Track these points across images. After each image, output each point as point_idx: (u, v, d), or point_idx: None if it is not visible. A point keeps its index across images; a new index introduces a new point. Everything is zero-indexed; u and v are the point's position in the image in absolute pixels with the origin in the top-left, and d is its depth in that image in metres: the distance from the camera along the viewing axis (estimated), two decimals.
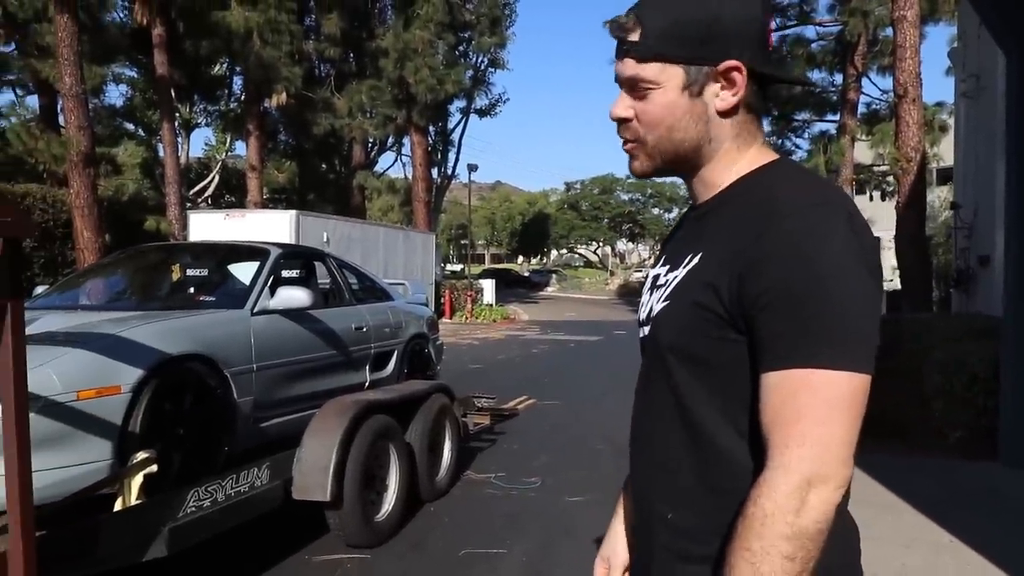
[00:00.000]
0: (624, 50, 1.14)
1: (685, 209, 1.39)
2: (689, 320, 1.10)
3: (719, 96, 1.11)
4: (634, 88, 1.14)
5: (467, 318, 24.80)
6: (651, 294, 1.23)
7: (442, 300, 24.30)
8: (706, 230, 1.15)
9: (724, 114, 1.13)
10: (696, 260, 1.12)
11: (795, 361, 0.98)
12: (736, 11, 1.10)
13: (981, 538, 4.24)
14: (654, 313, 1.17)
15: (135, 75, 24.63)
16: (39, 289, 5.34)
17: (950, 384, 6.38)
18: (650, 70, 1.12)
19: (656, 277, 1.25)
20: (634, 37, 1.12)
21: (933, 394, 6.65)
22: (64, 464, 3.07)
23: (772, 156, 1.16)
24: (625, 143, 1.19)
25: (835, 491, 0.97)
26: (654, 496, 1.18)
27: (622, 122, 1.17)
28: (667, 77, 1.12)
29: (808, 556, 0.96)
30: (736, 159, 1.15)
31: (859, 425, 1.00)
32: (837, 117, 20.90)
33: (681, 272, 1.14)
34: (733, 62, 1.09)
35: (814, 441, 0.96)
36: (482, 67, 28.77)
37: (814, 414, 0.97)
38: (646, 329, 1.21)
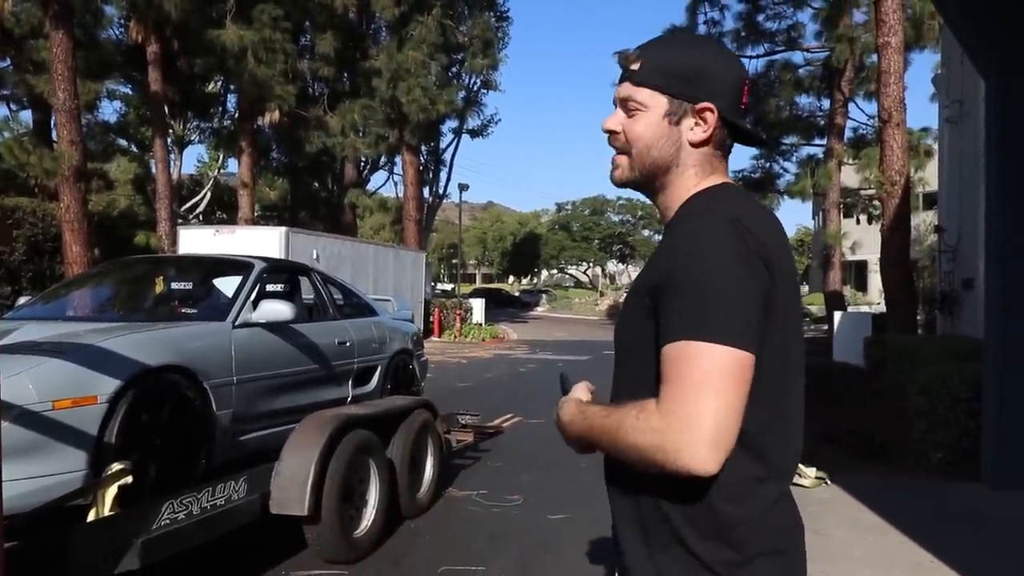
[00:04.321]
0: (624, 76, 1.38)
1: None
2: (632, 318, 1.32)
3: (692, 129, 1.34)
4: (626, 107, 1.37)
5: (456, 337, 24.75)
6: None
7: (431, 319, 24.26)
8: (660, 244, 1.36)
9: (695, 145, 1.35)
10: (642, 269, 1.36)
11: (678, 334, 1.15)
12: (718, 67, 1.34)
13: (962, 559, 4.24)
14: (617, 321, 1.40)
15: (129, 91, 24.68)
16: (22, 300, 5.33)
17: (933, 405, 6.41)
18: (642, 94, 1.35)
19: None
20: (635, 67, 1.36)
21: (916, 415, 6.68)
22: (37, 474, 3.05)
23: (720, 181, 1.37)
24: (614, 153, 1.42)
25: (692, 452, 1.11)
26: (626, 487, 1.31)
27: (612, 134, 1.40)
28: (654, 103, 1.35)
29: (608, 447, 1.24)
30: (695, 185, 1.36)
31: (741, 395, 1.14)
32: (824, 141, 21.10)
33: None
34: (708, 104, 1.32)
35: (687, 400, 1.12)
36: (474, 88, 28.92)
37: (691, 376, 1.12)
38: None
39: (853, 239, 22.44)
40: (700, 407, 1.10)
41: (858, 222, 26.02)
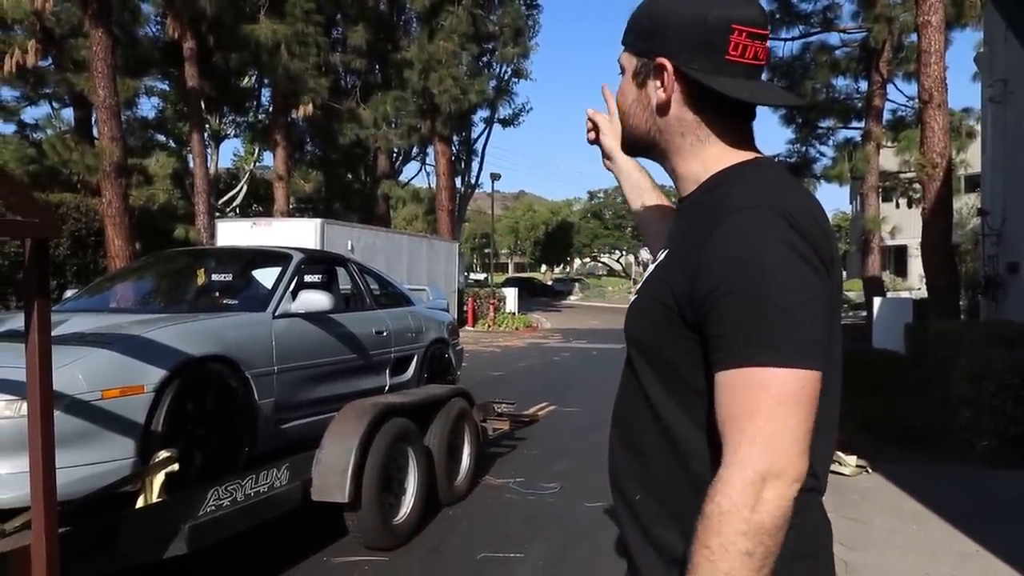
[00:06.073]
0: None
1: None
2: (649, 314, 1.15)
3: (655, 91, 1.17)
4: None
5: (489, 326, 24.83)
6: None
7: (465, 308, 24.34)
8: (678, 226, 1.19)
9: (659, 109, 1.17)
10: (663, 256, 1.17)
11: (742, 360, 1.00)
12: (683, 13, 1.12)
13: (1008, 547, 4.16)
14: (630, 304, 1.23)
15: (167, 88, 25.07)
16: (69, 293, 5.47)
17: (977, 392, 6.28)
18: (623, 56, 1.22)
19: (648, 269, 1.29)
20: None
21: (960, 402, 6.55)
22: (88, 461, 3.13)
23: (745, 156, 1.17)
24: None
25: (789, 486, 0.98)
26: (626, 476, 1.22)
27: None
28: (628, 64, 1.21)
29: (767, 551, 0.97)
30: (698, 155, 1.17)
31: (812, 419, 1.00)
32: (862, 124, 20.67)
33: (652, 267, 1.19)
34: (661, 59, 1.14)
35: (766, 438, 0.97)
36: (505, 77, 28.81)
37: (766, 411, 0.98)
38: None
39: (892, 223, 21.98)
40: (784, 427, 0.98)
41: (897, 206, 25.54)
